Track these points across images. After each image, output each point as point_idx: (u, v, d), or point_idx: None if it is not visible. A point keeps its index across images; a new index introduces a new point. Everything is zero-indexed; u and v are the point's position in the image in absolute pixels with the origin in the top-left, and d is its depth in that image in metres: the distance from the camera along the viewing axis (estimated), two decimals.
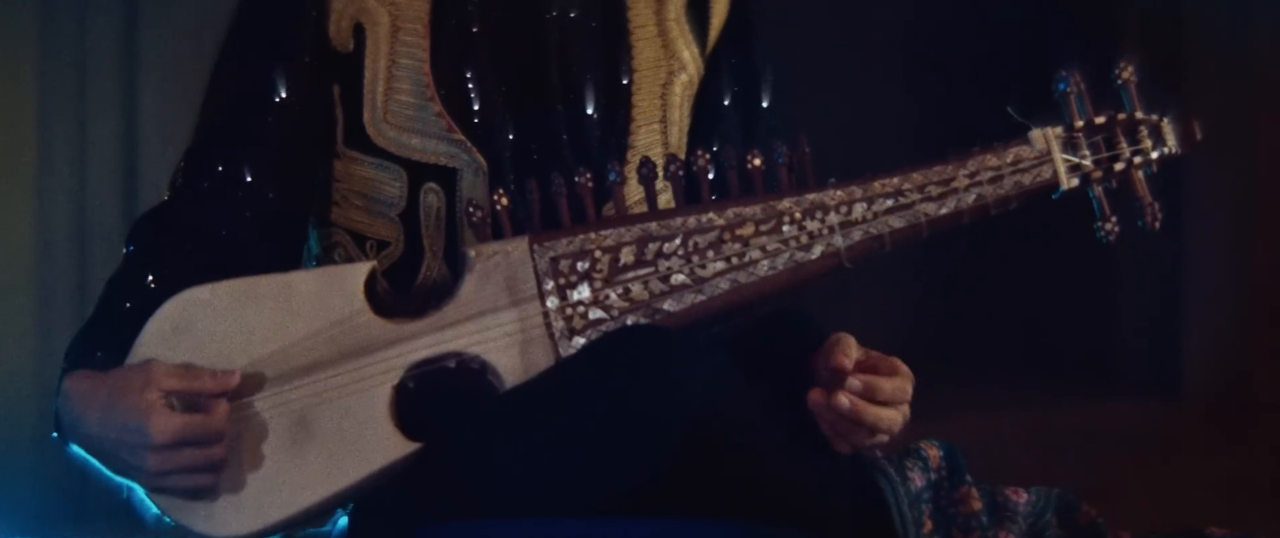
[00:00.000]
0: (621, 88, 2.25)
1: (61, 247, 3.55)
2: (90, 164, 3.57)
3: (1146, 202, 2.06)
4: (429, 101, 2.17)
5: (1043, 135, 2.07)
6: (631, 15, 2.27)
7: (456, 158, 2.18)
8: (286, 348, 2.05)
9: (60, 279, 3.53)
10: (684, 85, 2.29)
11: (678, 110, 2.29)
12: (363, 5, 2.20)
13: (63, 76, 3.55)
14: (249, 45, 2.23)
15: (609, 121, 2.24)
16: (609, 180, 2.09)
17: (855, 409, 2.00)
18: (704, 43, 2.31)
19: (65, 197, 3.55)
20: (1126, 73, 2.07)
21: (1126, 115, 2.08)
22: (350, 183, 2.23)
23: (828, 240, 2.05)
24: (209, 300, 2.06)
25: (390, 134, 2.19)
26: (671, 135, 2.28)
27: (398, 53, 2.19)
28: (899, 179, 2.06)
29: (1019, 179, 2.05)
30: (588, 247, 2.05)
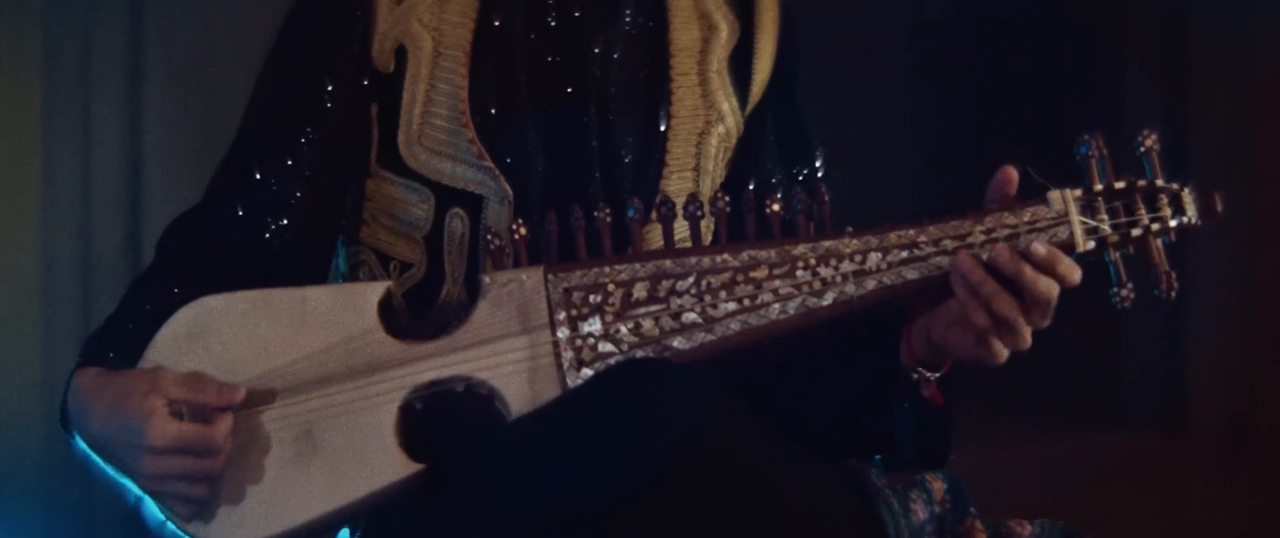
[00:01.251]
0: (658, 134, 2.26)
1: (65, 257, 3.54)
2: (94, 174, 3.57)
3: (1163, 270, 2.05)
4: (463, 128, 2.19)
5: (1061, 196, 2.06)
6: (674, 63, 2.29)
7: (484, 185, 2.20)
8: (297, 361, 2.06)
9: (64, 290, 3.53)
10: (721, 137, 2.30)
11: (712, 161, 2.29)
12: (407, 28, 2.21)
13: (67, 86, 3.55)
14: (294, 59, 2.25)
15: (642, 166, 2.26)
16: (628, 217, 2.10)
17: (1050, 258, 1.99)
18: (745, 98, 2.32)
19: (70, 208, 3.55)
20: (1149, 141, 2.07)
21: (1147, 182, 2.07)
22: (380, 202, 2.25)
23: (841, 288, 2.06)
24: (224, 309, 2.08)
25: (422, 157, 2.21)
26: (704, 185, 2.29)
27: (437, 77, 2.21)
28: (915, 231, 2.06)
29: (1034, 238, 2.05)
30: (601, 280, 2.06)
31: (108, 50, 3.56)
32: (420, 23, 2.22)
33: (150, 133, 3.58)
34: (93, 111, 3.55)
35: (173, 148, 3.52)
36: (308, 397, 2.05)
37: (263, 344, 2.06)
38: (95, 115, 3.56)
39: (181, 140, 3.53)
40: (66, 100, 3.54)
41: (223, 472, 2.00)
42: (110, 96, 3.56)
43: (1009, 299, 2.00)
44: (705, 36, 2.31)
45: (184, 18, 3.57)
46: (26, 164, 3.49)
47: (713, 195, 2.11)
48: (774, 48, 2.34)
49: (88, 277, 3.52)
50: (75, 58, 3.53)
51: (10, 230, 3.49)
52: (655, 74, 2.29)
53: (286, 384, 2.05)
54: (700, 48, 2.30)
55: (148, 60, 3.56)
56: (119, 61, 3.57)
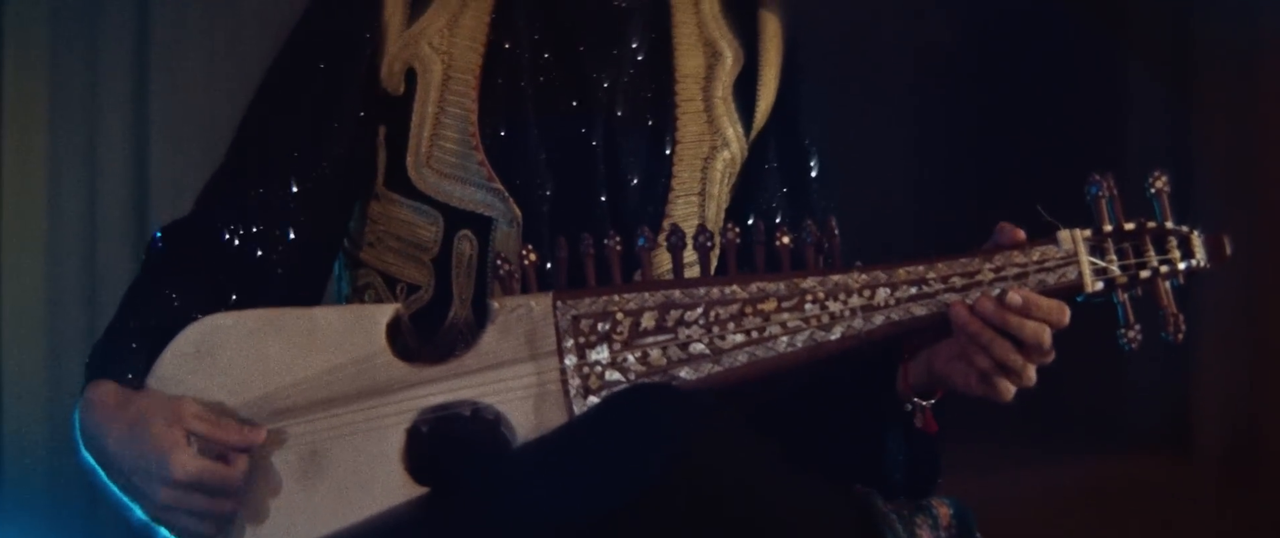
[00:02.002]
0: (663, 158, 2.28)
1: (71, 259, 3.54)
2: (100, 164, 3.56)
3: (1171, 313, 2.06)
4: (473, 150, 2.20)
5: (1070, 236, 2.07)
6: (679, 89, 2.30)
7: (493, 207, 2.21)
8: (304, 381, 2.07)
9: (70, 293, 3.53)
10: (726, 162, 2.31)
11: (717, 186, 2.31)
12: (417, 51, 2.22)
13: (74, 78, 3.54)
14: (297, 74, 2.25)
15: (648, 190, 2.27)
16: (638, 245, 2.10)
17: (1027, 304, 2.01)
18: (750, 123, 2.34)
19: (76, 212, 3.55)
20: (1159, 182, 2.07)
21: (1157, 224, 2.08)
22: (387, 225, 2.26)
23: (849, 322, 2.06)
24: (232, 327, 2.09)
25: (431, 179, 2.22)
26: (709, 210, 2.30)
27: (447, 100, 2.22)
28: (924, 268, 2.07)
29: (1043, 278, 2.06)
30: (610, 308, 2.07)
31: (114, 56, 3.55)
32: (430, 46, 2.23)
33: (156, 137, 3.57)
34: (99, 116, 3.54)
35: (178, 153, 3.52)
36: (315, 417, 2.05)
37: (271, 364, 2.07)
38: (101, 119, 3.55)
39: (187, 146, 3.52)
40: (73, 103, 3.54)
41: (234, 512, 2.01)
42: (116, 101, 3.56)
43: (1006, 343, 2.02)
44: (710, 63, 2.33)
45: (190, 22, 3.57)
46: (33, 168, 3.49)
47: (723, 226, 2.11)
48: (778, 74, 2.36)
49: (93, 280, 3.52)
50: (82, 62, 3.52)
51: (17, 234, 3.49)
52: (661, 100, 2.30)
53: (294, 404, 2.06)
54: (705, 74, 2.32)
55: (154, 65, 3.56)
56: (125, 66, 3.56)
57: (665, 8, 2.33)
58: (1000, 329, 2.01)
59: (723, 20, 2.35)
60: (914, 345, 2.11)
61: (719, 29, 2.35)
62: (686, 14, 2.34)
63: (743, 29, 2.36)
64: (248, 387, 2.06)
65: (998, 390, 2.05)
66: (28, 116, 3.47)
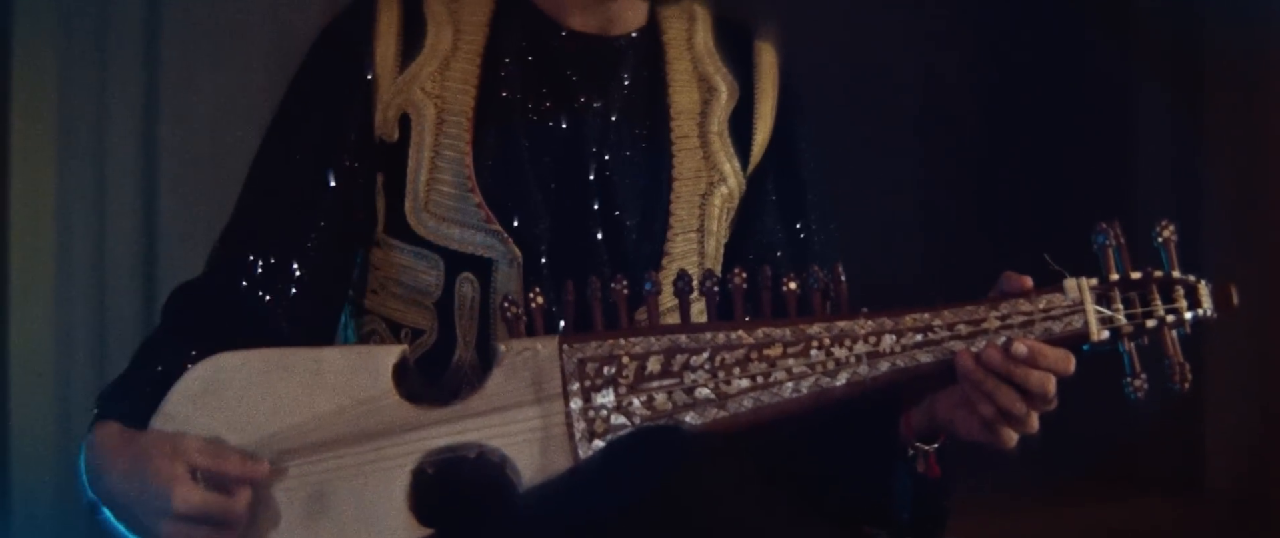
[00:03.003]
0: (661, 195, 2.28)
1: (80, 261, 3.55)
2: (109, 171, 3.56)
3: (1177, 362, 2.05)
4: (469, 192, 2.21)
5: (1077, 285, 2.07)
6: (675, 125, 2.31)
7: (493, 249, 2.21)
8: (310, 422, 2.07)
9: (78, 285, 3.53)
10: (723, 197, 2.32)
11: (716, 222, 2.31)
12: (409, 97, 2.23)
13: (83, 80, 3.55)
14: (295, 131, 2.26)
15: (646, 227, 2.27)
16: (645, 290, 2.11)
17: (1032, 353, 2.01)
18: (746, 158, 2.34)
19: (84, 204, 3.56)
20: (1167, 232, 2.08)
21: (1163, 274, 2.08)
22: (388, 271, 2.26)
23: (854, 369, 2.06)
24: (239, 367, 2.09)
25: (430, 224, 2.22)
26: (708, 246, 2.30)
27: (441, 144, 2.23)
28: (930, 315, 2.07)
29: (1049, 326, 2.06)
30: (616, 352, 2.07)
31: (124, 35, 3.56)
32: (423, 91, 2.24)
33: (165, 136, 3.57)
34: (107, 115, 3.55)
35: (187, 153, 3.53)
36: (319, 458, 2.06)
37: (276, 403, 2.07)
38: (110, 119, 3.55)
39: (197, 127, 3.53)
40: (82, 85, 3.54)
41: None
42: (126, 99, 3.57)
43: (1010, 391, 2.02)
44: (705, 98, 2.33)
45: (200, 19, 3.58)
46: (42, 151, 3.50)
47: (729, 272, 2.11)
48: (774, 108, 2.36)
49: (102, 281, 3.52)
50: (91, 40, 3.53)
51: (26, 219, 3.49)
52: (656, 137, 2.31)
53: (299, 444, 2.06)
54: (700, 110, 2.33)
55: (163, 64, 3.56)
56: (135, 46, 3.56)
57: (658, 44, 2.34)
58: (1005, 378, 2.01)
59: (717, 55, 2.36)
60: (918, 391, 2.11)
61: (713, 64, 2.36)
62: (680, 50, 2.35)
63: (737, 63, 2.37)
64: (253, 426, 2.06)
65: (1001, 438, 2.05)
66: (38, 113, 3.48)
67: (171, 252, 2.59)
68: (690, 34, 2.36)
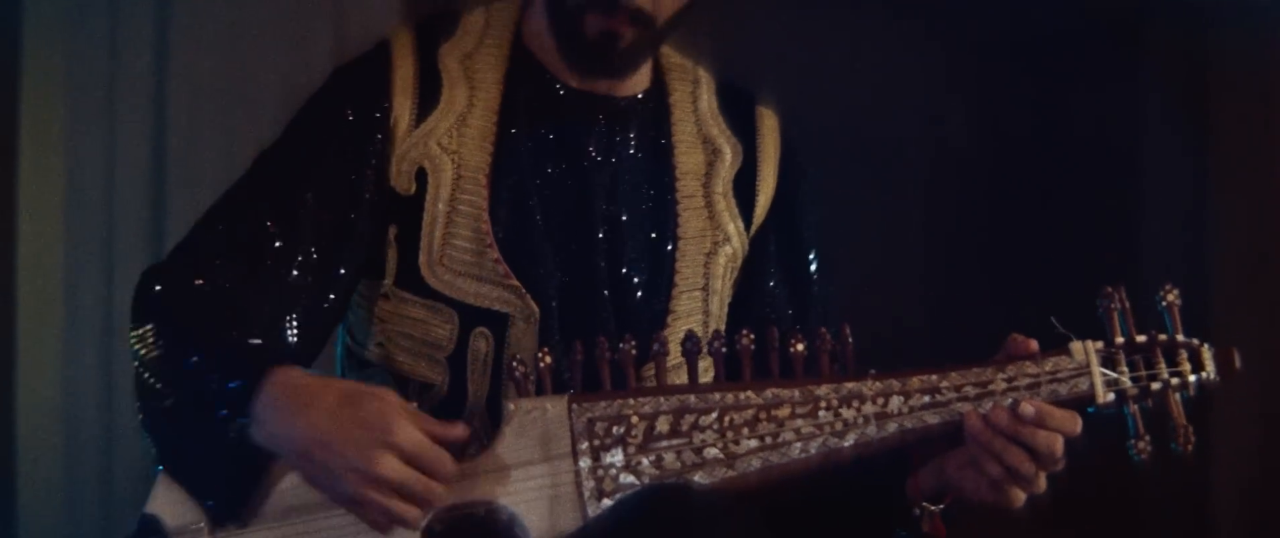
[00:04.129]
0: (666, 254, 2.31)
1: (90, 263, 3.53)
2: (119, 168, 3.55)
3: (1180, 424, 2.08)
4: (488, 248, 2.22)
5: (1083, 348, 2.09)
6: (680, 186, 2.33)
7: (510, 304, 2.23)
8: None
9: (88, 280, 3.53)
10: (727, 257, 2.34)
11: (720, 280, 2.33)
12: (426, 150, 2.24)
13: (92, 81, 3.54)
14: (297, 157, 2.25)
15: (652, 285, 2.29)
16: (653, 350, 2.13)
17: (1040, 414, 2.03)
18: (750, 218, 2.37)
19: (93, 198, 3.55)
20: (1171, 296, 2.10)
21: (1167, 337, 2.10)
22: (397, 324, 2.27)
23: (862, 430, 2.08)
24: None
25: (445, 277, 2.23)
26: (712, 304, 2.32)
27: (458, 199, 2.24)
28: (937, 377, 2.09)
29: (1055, 388, 2.08)
30: (625, 412, 2.09)
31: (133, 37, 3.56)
32: (440, 146, 2.25)
33: (175, 133, 3.57)
34: (116, 112, 3.54)
35: (196, 146, 3.52)
36: (330, 516, 2.06)
37: None
38: (119, 115, 3.54)
39: (206, 123, 3.53)
40: (91, 99, 3.53)
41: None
42: (135, 96, 3.55)
43: (1018, 452, 2.04)
44: (709, 160, 2.36)
45: (210, 15, 3.59)
46: (51, 149, 3.50)
47: (737, 333, 2.13)
48: (776, 171, 2.39)
49: (111, 280, 3.51)
50: (101, 41, 3.53)
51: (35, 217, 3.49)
52: (662, 197, 2.33)
53: (309, 502, 2.06)
54: (705, 171, 2.36)
55: (172, 63, 3.56)
56: (144, 48, 3.57)
57: (664, 106, 2.37)
58: (1013, 439, 2.03)
59: (721, 117, 2.39)
60: (925, 452, 2.13)
61: (717, 126, 2.38)
62: (685, 112, 2.38)
63: (740, 125, 2.40)
64: (264, 483, 2.08)
65: (1008, 498, 2.07)
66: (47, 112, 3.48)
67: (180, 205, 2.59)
68: (695, 96, 2.39)
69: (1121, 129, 4.46)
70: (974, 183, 4.47)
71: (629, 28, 2.21)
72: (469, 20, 2.34)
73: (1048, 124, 4.49)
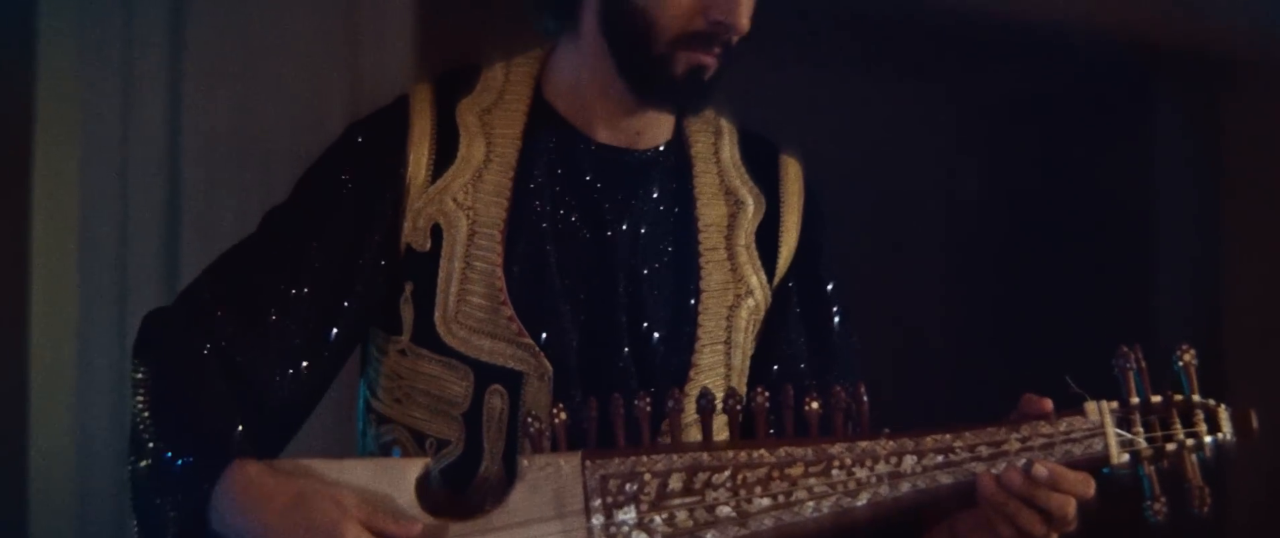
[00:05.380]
0: (688, 308, 2.29)
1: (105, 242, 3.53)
2: (132, 161, 3.55)
3: (1196, 485, 2.06)
4: (501, 305, 2.21)
5: (1097, 408, 2.08)
6: (702, 239, 2.32)
7: (524, 362, 2.21)
8: None
9: (103, 272, 3.52)
10: (750, 310, 2.32)
11: (743, 334, 2.32)
12: (442, 208, 2.24)
13: (107, 73, 3.56)
14: (311, 210, 2.26)
15: (674, 341, 2.28)
16: (667, 407, 2.12)
17: (1053, 476, 2.02)
18: (772, 270, 2.35)
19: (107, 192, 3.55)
20: (1187, 356, 2.09)
21: (1183, 398, 2.09)
22: (414, 380, 2.26)
23: (875, 489, 2.07)
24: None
25: (460, 334, 2.22)
26: (735, 358, 2.31)
27: (473, 256, 2.23)
28: (951, 437, 2.08)
29: (1070, 449, 2.07)
30: (638, 469, 2.08)
31: (149, 26, 3.57)
32: (455, 202, 2.24)
33: (189, 136, 3.57)
34: (131, 113, 3.55)
35: (210, 149, 3.53)
36: None
37: None
38: (135, 92, 3.56)
39: (221, 114, 3.53)
40: (105, 78, 3.54)
41: None
42: (148, 146, 3.57)
43: (1031, 513, 2.03)
44: (732, 212, 2.34)
45: (219, 133, 3.60)
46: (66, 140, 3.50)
47: (751, 390, 2.12)
48: (799, 222, 2.38)
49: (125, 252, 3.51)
50: (116, 33, 3.55)
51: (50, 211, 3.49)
52: (684, 250, 2.32)
53: None
54: (727, 223, 2.34)
55: (187, 63, 3.57)
56: (160, 37, 3.57)
57: (685, 158, 2.35)
58: (1026, 501, 2.02)
59: (743, 168, 2.37)
60: (938, 512, 2.12)
61: (740, 176, 2.37)
62: (707, 163, 2.36)
63: (763, 176, 2.38)
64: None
65: None
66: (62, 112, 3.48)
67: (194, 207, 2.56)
68: (717, 148, 2.37)
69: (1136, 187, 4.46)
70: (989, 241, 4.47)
71: (716, 59, 2.20)
72: (489, 75, 2.33)
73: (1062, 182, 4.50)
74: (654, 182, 2.32)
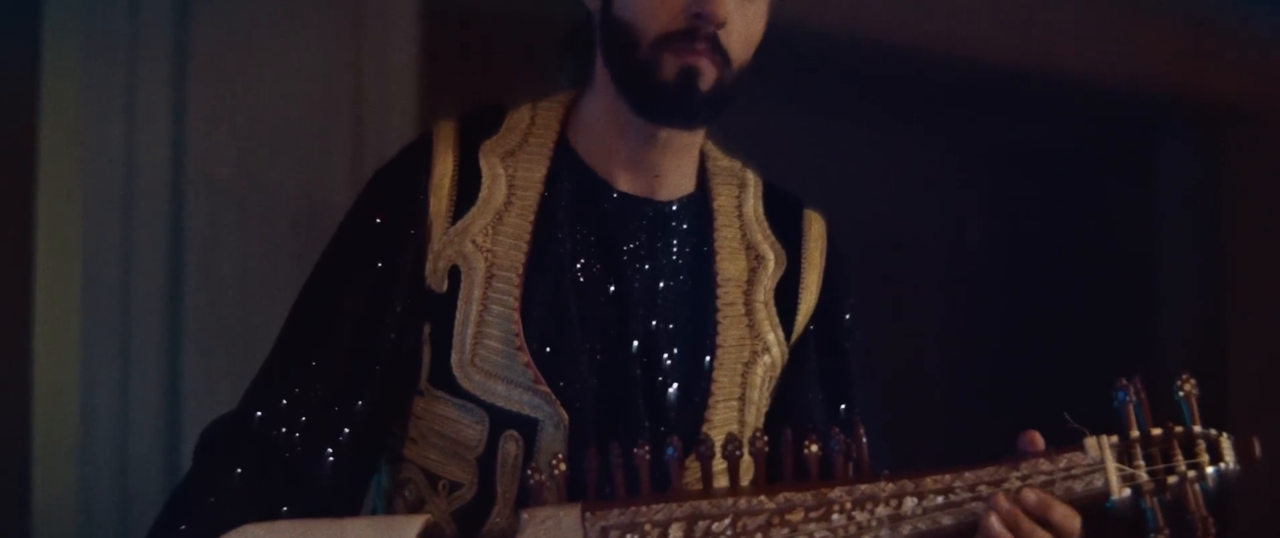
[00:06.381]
0: (703, 363, 2.27)
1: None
2: (135, 210, 3.55)
3: (1199, 516, 2.05)
4: (517, 351, 2.19)
5: (1097, 443, 2.07)
6: (721, 293, 2.30)
7: (540, 409, 2.19)
8: None
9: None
10: (766, 367, 2.30)
11: (757, 391, 2.30)
12: (461, 249, 2.22)
13: (110, 120, 3.54)
14: (345, 276, 2.25)
15: (688, 395, 2.26)
16: (667, 455, 2.11)
17: (1041, 501, 2.03)
18: (790, 327, 2.33)
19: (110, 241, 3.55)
20: (1187, 386, 2.08)
21: (1184, 429, 2.08)
22: (430, 421, 2.24)
23: (876, 533, 2.06)
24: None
25: (476, 378, 2.20)
26: (749, 414, 2.29)
27: (490, 299, 2.21)
28: (951, 477, 2.07)
29: (1071, 485, 2.06)
30: (638, 519, 2.07)
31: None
32: (474, 244, 2.23)
33: (192, 183, 3.57)
34: (134, 162, 3.55)
35: (213, 197, 3.54)
36: None
37: None
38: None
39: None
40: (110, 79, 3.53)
41: None
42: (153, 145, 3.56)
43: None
44: (752, 267, 2.32)
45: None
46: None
47: (752, 435, 2.11)
48: (819, 279, 2.36)
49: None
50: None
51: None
52: (701, 304, 2.29)
53: None
54: (747, 278, 2.31)
55: (191, 110, 3.58)
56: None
57: (707, 211, 2.33)
58: (1015, 530, 2.02)
59: (766, 222, 2.36)
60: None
61: (762, 231, 2.35)
62: (729, 217, 2.34)
63: (785, 231, 2.36)
64: None
65: None
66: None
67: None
68: (740, 201, 2.35)
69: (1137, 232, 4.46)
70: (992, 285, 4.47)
71: (708, 63, 2.17)
72: (514, 117, 2.32)
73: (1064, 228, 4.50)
74: (674, 234, 2.30)
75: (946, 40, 4.20)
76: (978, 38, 4.27)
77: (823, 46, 3.80)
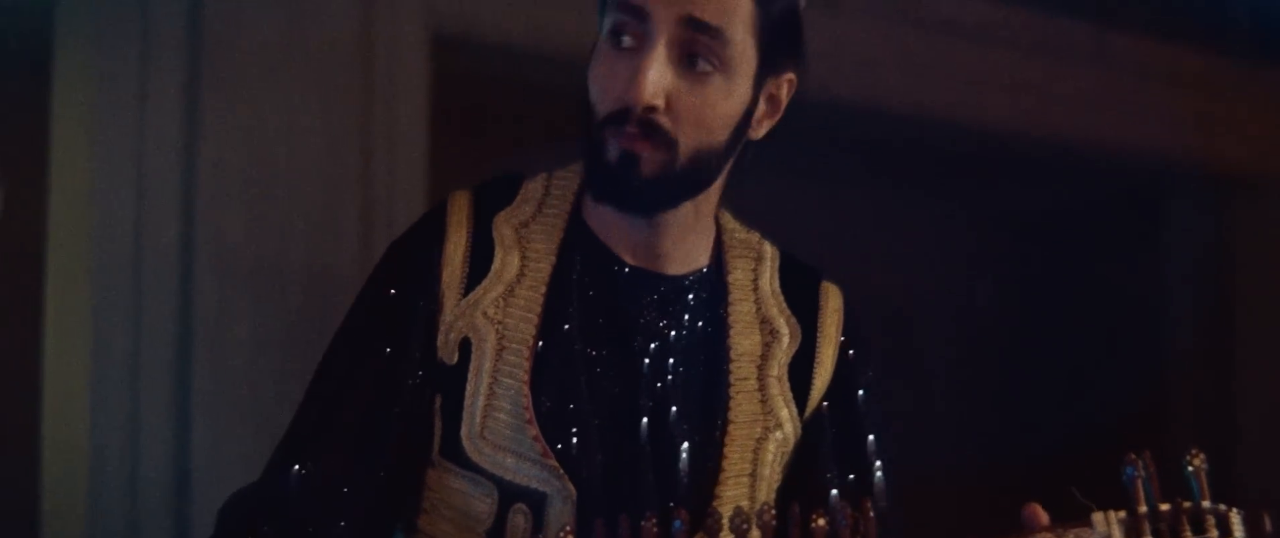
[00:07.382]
0: (714, 440, 2.25)
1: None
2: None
3: None
4: (526, 424, 2.18)
5: (1105, 519, 2.05)
6: (733, 369, 2.28)
7: (548, 483, 2.18)
8: None
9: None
10: (778, 443, 2.28)
11: (769, 467, 2.27)
12: (472, 321, 2.21)
13: (121, 189, 3.58)
14: (361, 348, 2.24)
15: (698, 471, 2.23)
16: (674, 529, 2.09)
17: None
18: (804, 403, 2.32)
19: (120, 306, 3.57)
20: (1197, 460, 2.06)
21: (1193, 504, 2.06)
22: (442, 493, 2.23)
23: None
24: None
25: (485, 451, 2.19)
26: (759, 491, 2.27)
27: (500, 372, 2.20)
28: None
29: None
30: None
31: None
32: (485, 316, 2.21)
33: (202, 249, 3.58)
34: (144, 227, 3.56)
35: (223, 262, 3.54)
36: None
37: None
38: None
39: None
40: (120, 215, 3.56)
41: None
42: (163, 212, 3.59)
43: None
44: (766, 342, 2.30)
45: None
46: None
47: (759, 508, 2.10)
48: (835, 354, 2.33)
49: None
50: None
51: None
52: (714, 379, 2.27)
53: None
54: (761, 353, 2.29)
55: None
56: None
57: (722, 285, 2.31)
58: None
59: (781, 296, 2.34)
60: None
61: (777, 305, 2.33)
62: (744, 291, 2.32)
63: (801, 305, 2.34)
64: None
65: None
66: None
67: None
68: (756, 274, 2.33)
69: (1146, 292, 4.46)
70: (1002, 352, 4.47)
71: (647, 146, 2.13)
72: (530, 187, 2.31)
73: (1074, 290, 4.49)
74: (686, 309, 2.28)
75: (957, 110, 4.21)
76: (988, 107, 4.28)
77: (835, 117, 3.82)
